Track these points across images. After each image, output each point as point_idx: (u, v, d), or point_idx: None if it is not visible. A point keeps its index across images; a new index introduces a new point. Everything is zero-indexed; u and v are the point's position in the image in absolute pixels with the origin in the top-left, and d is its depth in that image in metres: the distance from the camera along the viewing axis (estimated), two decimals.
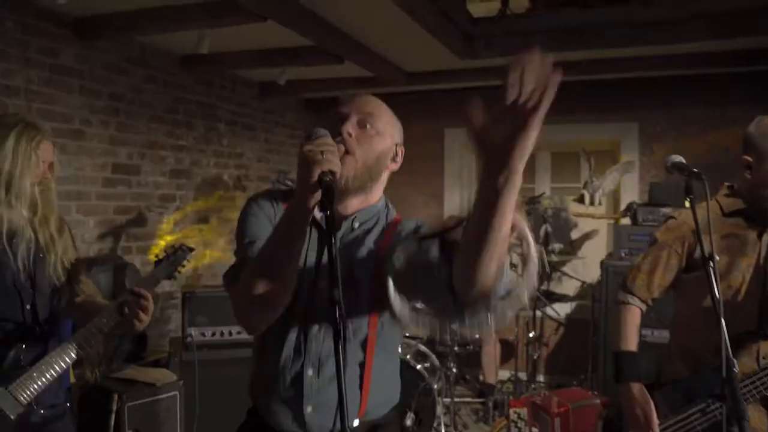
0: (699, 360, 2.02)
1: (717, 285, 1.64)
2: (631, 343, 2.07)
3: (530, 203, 5.42)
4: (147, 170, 4.16)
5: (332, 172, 1.16)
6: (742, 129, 2.05)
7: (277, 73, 4.53)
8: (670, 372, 2.13)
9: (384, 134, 1.44)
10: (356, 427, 1.39)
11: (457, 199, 5.80)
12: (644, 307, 2.12)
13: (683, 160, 1.89)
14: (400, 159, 1.51)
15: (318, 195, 1.16)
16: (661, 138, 5.10)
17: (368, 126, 1.41)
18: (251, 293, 1.25)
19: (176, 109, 4.40)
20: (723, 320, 1.61)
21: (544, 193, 5.50)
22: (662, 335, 3.70)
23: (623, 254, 3.87)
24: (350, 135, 1.39)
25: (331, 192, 1.13)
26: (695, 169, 1.80)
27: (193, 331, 3.50)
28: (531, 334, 4.63)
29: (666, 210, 3.80)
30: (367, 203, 1.47)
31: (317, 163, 1.15)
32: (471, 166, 5.97)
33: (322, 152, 1.17)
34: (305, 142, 1.23)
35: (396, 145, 1.49)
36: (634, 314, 2.10)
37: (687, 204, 1.80)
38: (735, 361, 1.66)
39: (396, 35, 3.90)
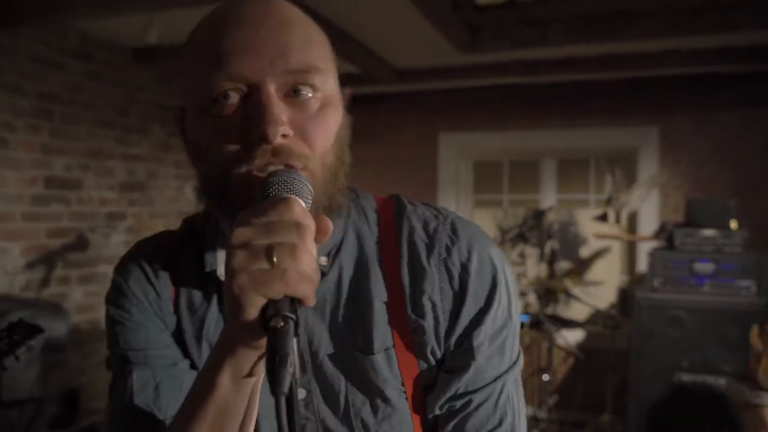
0: None
1: None
2: None
3: (535, 217, 4.84)
4: (90, 184, 3.49)
5: (294, 302, 0.54)
6: None
7: None
8: None
9: (332, 91, 0.72)
10: None
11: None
12: None
13: None
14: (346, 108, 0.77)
15: (261, 346, 0.56)
16: (686, 144, 4.51)
17: (304, 92, 0.68)
18: None
19: (127, 111, 3.73)
20: None
21: (552, 207, 4.92)
22: (707, 382, 3.11)
23: (657, 284, 3.26)
24: (286, 136, 0.66)
25: (281, 354, 0.51)
26: None
27: None
28: (545, 378, 4.02)
29: (708, 233, 3.21)
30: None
31: (258, 282, 0.54)
32: (469, 175, 5.39)
33: (269, 250, 0.54)
34: (240, 219, 0.57)
35: (341, 91, 0.76)
36: None
37: None
38: None
39: (388, 24, 3.29)
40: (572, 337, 4.77)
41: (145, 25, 2.94)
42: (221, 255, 0.76)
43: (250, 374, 0.60)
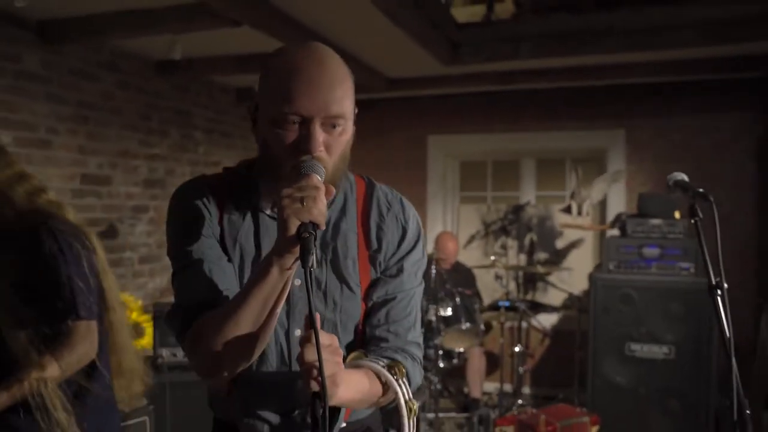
0: None
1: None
2: None
3: (515, 212, 5.34)
4: (119, 180, 3.98)
5: (314, 225, 1.00)
6: (731, 136, 1.95)
7: (254, 79, 4.36)
8: None
9: (349, 123, 1.18)
10: (344, 428, 1.27)
11: (440, 207, 5.68)
12: None
13: (686, 178, 1.76)
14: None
15: (296, 252, 1.02)
16: (648, 146, 5.01)
17: (336, 127, 1.14)
18: (218, 354, 1.10)
19: (149, 116, 4.22)
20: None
21: (529, 202, 5.41)
22: (651, 350, 3.60)
23: (612, 267, 3.76)
24: (322, 150, 1.13)
25: (308, 250, 0.98)
26: (701, 189, 1.66)
27: (165, 352, 3.30)
28: (517, 349, 4.51)
29: (656, 222, 3.70)
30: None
31: (295, 213, 1.00)
32: (455, 173, 5.87)
33: (302, 199, 1.00)
34: (288, 182, 1.06)
35: (354, 115, 1.22)
36: None
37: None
38: None
39: (377, 41, 3.77)
40: (547, 320, 5.26)
41: (171, 44, 3.42)
42: (261, 195, 1.24)
43: (288, 269, 1.05)
